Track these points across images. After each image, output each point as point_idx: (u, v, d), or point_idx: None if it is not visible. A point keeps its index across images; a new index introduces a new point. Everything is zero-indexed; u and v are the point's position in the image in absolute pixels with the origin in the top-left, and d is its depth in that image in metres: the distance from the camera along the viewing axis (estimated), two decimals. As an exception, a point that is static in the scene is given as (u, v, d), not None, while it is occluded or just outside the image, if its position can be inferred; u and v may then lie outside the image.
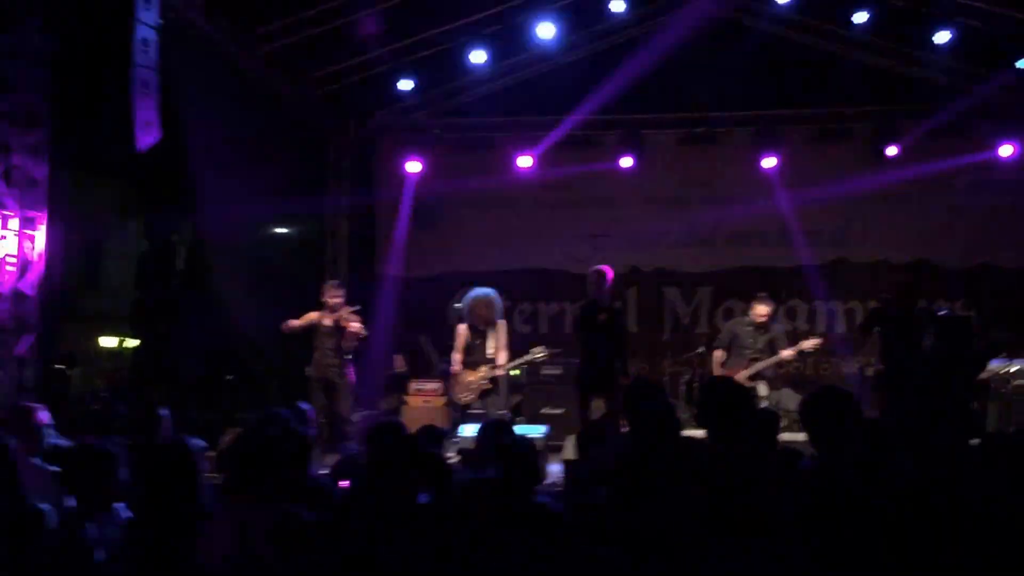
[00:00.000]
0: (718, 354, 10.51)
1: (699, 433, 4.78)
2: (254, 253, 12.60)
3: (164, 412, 5.82)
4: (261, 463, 4.04)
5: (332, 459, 6.11)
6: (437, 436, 6.11)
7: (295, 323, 10.26)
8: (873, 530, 3.46)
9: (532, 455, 4.57)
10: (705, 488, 3.92)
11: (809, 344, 10.52)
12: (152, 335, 18.21)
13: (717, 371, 10.44)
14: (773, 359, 10.44)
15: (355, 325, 10.13)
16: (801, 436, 9.74)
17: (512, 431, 5.74)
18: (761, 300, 10.58)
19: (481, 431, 5.75)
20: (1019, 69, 11.05)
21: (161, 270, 19.83)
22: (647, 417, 4.68)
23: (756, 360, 10.40)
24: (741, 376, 10.33)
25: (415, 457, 4.44)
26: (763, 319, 10.53)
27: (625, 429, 6.18)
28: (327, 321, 10.15)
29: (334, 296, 10.21)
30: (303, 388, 11.07)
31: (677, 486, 4.05)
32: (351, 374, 10.29)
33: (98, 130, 9.78)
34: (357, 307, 10.38)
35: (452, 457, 6.94)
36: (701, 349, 11.47)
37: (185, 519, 3.82)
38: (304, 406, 6.77)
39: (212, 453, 5.32)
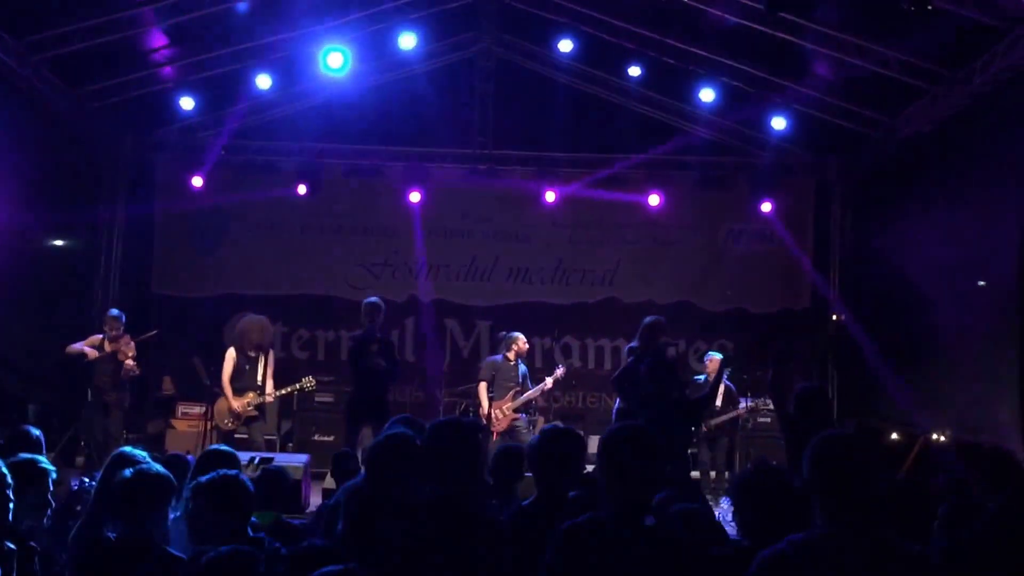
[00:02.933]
0: (482, 387, 10.80)
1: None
2: (18, 268, 11.98)
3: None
4: None
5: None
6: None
7: (76, 347, 10.41)
8: None
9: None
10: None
11: (559, 372, 10.93)
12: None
13: (484, 405, 10.70)
14: (535, 390, 10.78)
15: (129, 362, 10.31)
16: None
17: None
18: (520, 334, 10.94)
19: None
20: (776, 131, 11.94)
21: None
22: None
23: (519, 391, 10.73)
24: (507, 407, 10.66)
25: None
26: (525, 349, 10.91)
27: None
28: (107, 348, 10.33)
29: (113, 327, 10.38)
30: (64, 407, 11.18)
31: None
32: (126, 399, 10.49)
33: None
34: (153, 332, 10.79)
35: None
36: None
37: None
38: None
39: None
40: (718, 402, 11.35)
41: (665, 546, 3.53)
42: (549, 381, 10.84)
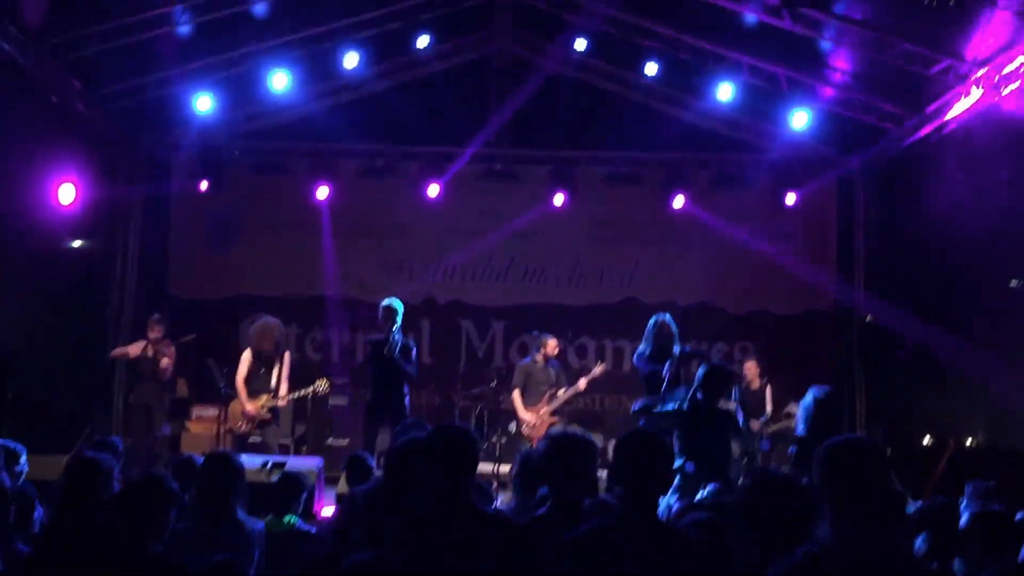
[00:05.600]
0: (516, 393, 10.63)
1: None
2: (35, 269, 11.96)
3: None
4: None
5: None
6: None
7: (122, 350, 10.98)
8: None
9: None
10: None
11: (598, 370, 10.75)
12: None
13: (520, 411, 10.55)
14: (571, 390, 10.61)
15: (165, 360, 10.60)
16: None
17: None
18: (549, 335, 10.81)
19: None
20: (796, 127, 11.74)
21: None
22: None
23: (553, 393, 10.57)
24: (544, 411, 10.50)
25: None
26: (555, 352, 10.75)
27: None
28: (148, 353, 10.68)
29: (154, 330, 10.71)
30: (79, 410, 11.31)
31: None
32: (167, 400, 11.00)
33: None
34: (191, 336, 11.14)
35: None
36: (494, 383, 11.58)
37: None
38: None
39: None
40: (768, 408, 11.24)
41: (675, 551, 3.43)
42: (583, 382, 10.65)
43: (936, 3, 7.81)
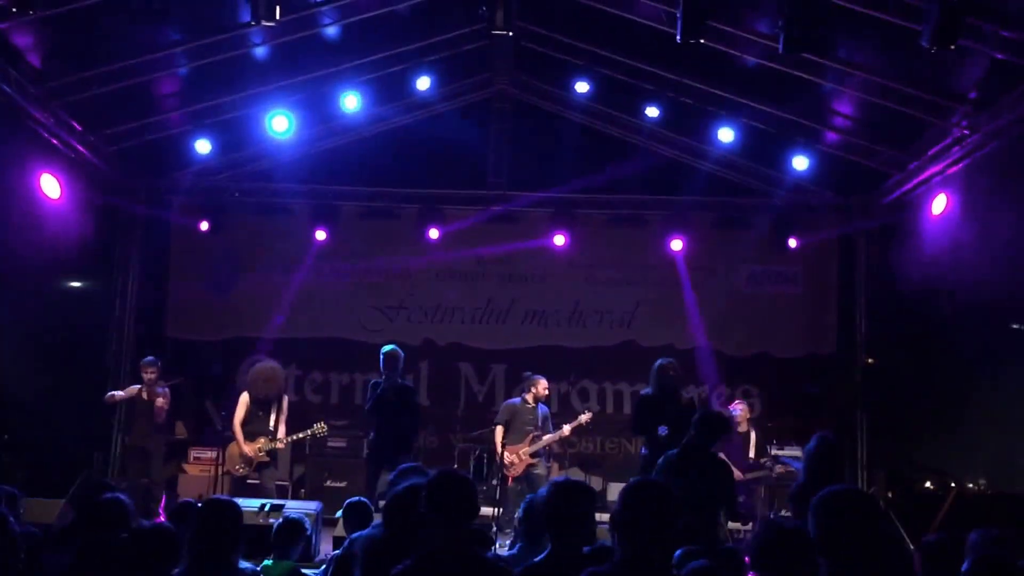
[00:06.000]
0: (499, 431, 10.60)
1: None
2: (33, 311, 11.91)
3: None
4: None
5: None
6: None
7: (118, 395, 10.83)
8: None
9: None
10: None
11: (584, 418, 10.70)
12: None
13: (499, 447, 10.53)
14: (554, 435, 10.58)
15: (159, 401, 10.48)
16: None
17: None
18: (541, 376, 10.77)
19: None
20: (797, 171, 11.78)
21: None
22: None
23: (537, 436, 10.53)
24: (524, 451, 10.45)
25: None
26: (545, 393, 10.71)
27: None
28: (143, 395, 10.56)
29: (147, 372, 10.57)
30: (78, 453, 11.26)
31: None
32: (162, 442, 10.84)
33: None
34: (177, 380, 10.95)
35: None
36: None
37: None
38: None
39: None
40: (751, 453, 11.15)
41: None
42: (567, 428, 10.62)
43: (937, 49, 7.82)
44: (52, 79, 10.02)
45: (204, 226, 12.52)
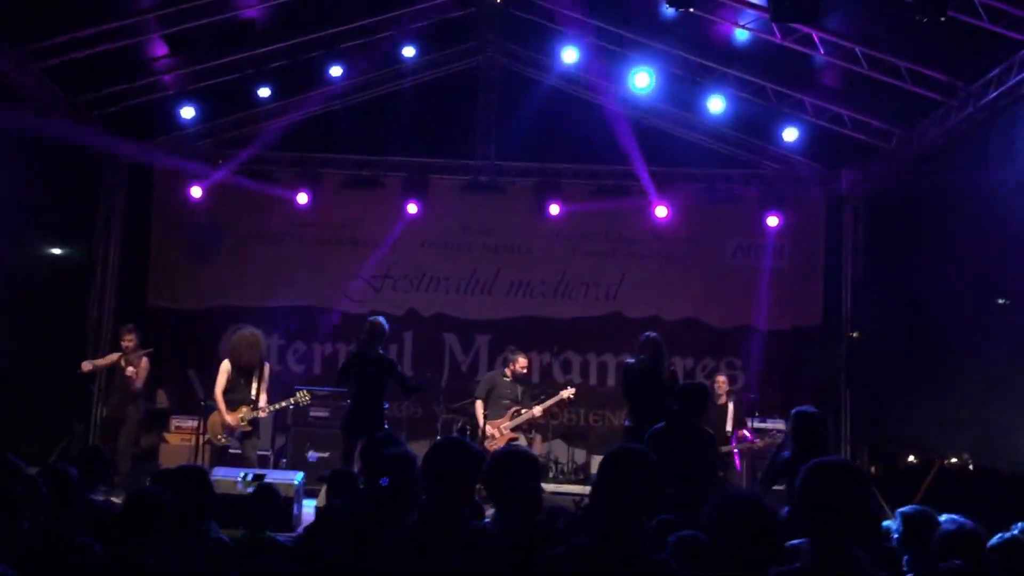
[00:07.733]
0: (479, 404, 10.58)
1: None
2: (13, 278, 11.78)
3: None
4: None
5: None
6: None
7: (95, 363, 10.86)
8: None
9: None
10: None
11: (567, 393, 10.67)
12: None
13: (480, 420, 10.51)
14: (527, 414, 10.57)
15: (130, 369, 10.46)
16: (569, 488, 10.04)
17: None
18: (521, 353, 10.75)
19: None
20: (785, 142, 11.71)
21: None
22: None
23: (517, 411, 10.51)
24: (504, 426, 10.44)
25: None
26: (523, 371, 10.68)
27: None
28: (121, 363, 10.54)
29: (125, 340, 10.61)
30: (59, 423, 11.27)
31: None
32: (138, 412, 10.70)
33: None
34: (150, 349, 10.74)
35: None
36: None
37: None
38: None
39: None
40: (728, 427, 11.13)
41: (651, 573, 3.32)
42: (538, 409, 10.62)
43: (927, 20, 7.73)
44: (32, 41, 9.83)
45: (193, 192, 12.37)
